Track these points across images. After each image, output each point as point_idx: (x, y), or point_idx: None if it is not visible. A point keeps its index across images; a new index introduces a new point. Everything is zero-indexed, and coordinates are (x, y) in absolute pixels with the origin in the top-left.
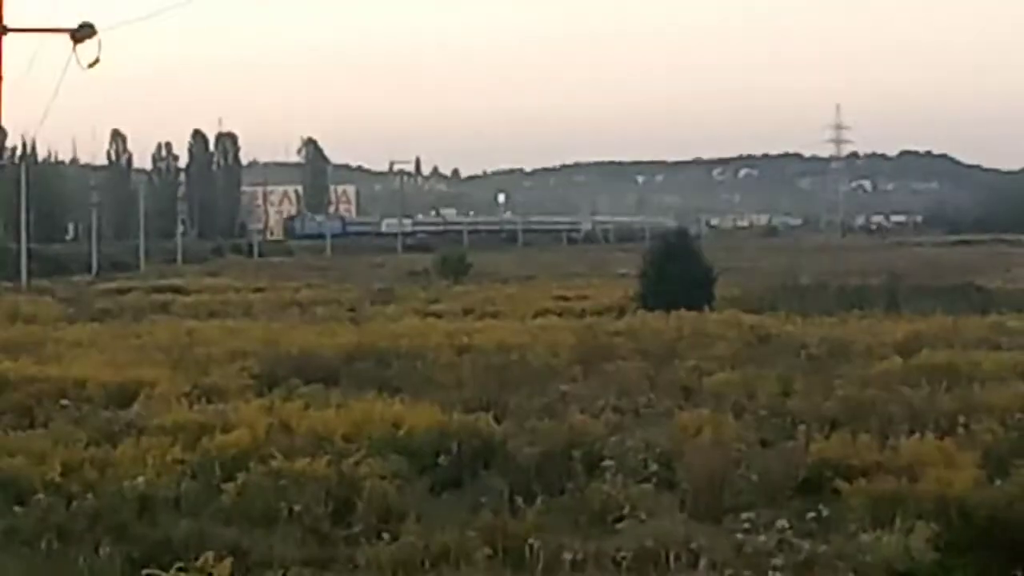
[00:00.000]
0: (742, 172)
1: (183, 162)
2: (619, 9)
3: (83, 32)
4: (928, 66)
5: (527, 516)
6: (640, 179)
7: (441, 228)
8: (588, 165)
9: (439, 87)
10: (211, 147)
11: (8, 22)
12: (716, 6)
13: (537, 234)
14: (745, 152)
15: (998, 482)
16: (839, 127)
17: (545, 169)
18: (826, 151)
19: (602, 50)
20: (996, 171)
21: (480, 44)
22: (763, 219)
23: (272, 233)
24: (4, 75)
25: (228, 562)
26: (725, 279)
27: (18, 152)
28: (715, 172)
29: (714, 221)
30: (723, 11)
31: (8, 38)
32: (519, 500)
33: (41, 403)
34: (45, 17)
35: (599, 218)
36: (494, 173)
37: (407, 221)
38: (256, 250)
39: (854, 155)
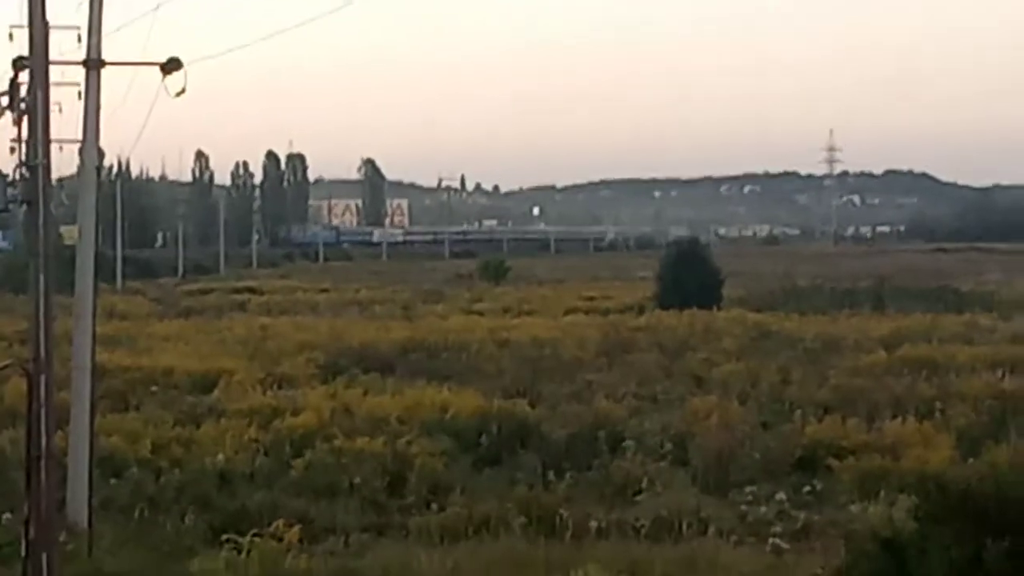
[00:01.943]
0: (747, 188)
1: (258, 179)
2: (639, 51)
3: (171, 65)
4: (910, 94)
5: (558, 489)
6: (657, 194)
7: (430, 239)
8: (612, 182)
9: (483, 111)
10: (282, 166)
11: (105, 56)
12: (723, 43)
13: (567, 242)
14: (749, 171)
15: (971, 460)
16: (832, 149)
17: (575, 185)
18: (820, 170)
19: (625, 82)
20: (970, 187)
21: (519, 73)
22: (765, 230)
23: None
24: (102, 103)
25: (297, 528)
26: (732, 282)
27: (114, 170)
28: (723, 188)
29: (722, 231)
30: (730, 46)
31: (106, 71)
32: (551, 475)
33: (134, 389)
34: (138, 51)
35: (622, 228)
36: (530, 189)
37: (398, 231)
38: (321, 255)
39: (845, 173)
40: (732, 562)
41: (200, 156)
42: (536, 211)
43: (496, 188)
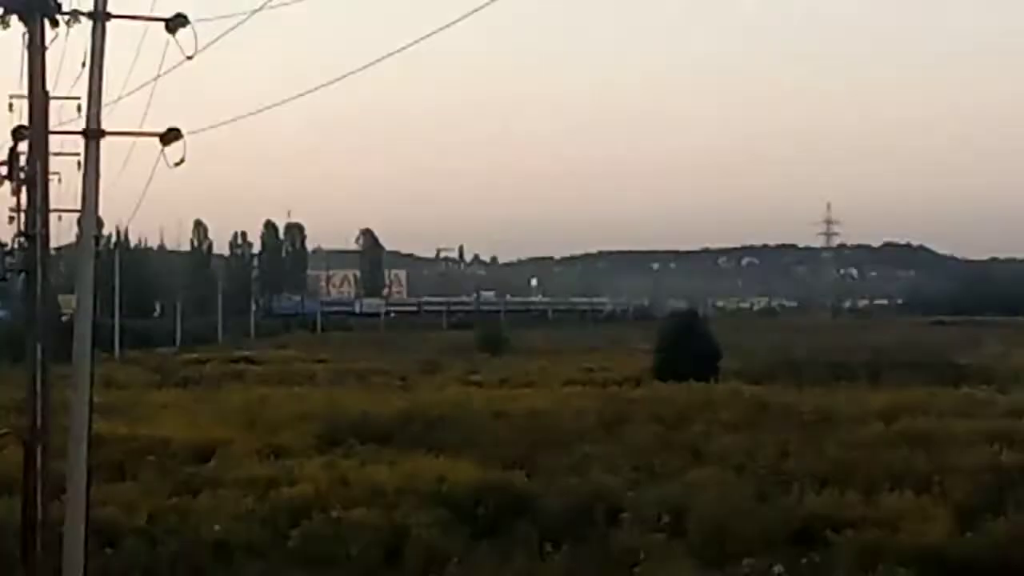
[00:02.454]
0: (744, 260)
1: (256, 248)
2: (637, 124)
3: (170, 135)
4: (908, 168)
5: (555, 561)
6: (655, 266)
7: (413, 309)
8: (609, 253)
9: (481, 183)
10: (281, 235)
11: (105, 126)
12: (720, 116)
13: (565, 313)
14: (747, 243)
15: (969, 534)
16: (829, 222)
17: (572, 256)
18: (818, 242)
19: (623, 155)
20: (968, 260)
21: (518, 145)
22: (763, 301)
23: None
24: (101, 173)
25: None
26: (729, 354)
27: (113, 240)
28: (721, 260)
29: (719, 303)
30: (727, 119)
31: (105, 141)
32: (548, 547)
33: (131, 458)
34: (137, 122)
35: (620, 299)
36: (528, 260)
37: (380, 302)
38: (319, 325)
39: (842, 246)
40: None
41: (199, 226)
42: (534, 282)
43: (494, 259)
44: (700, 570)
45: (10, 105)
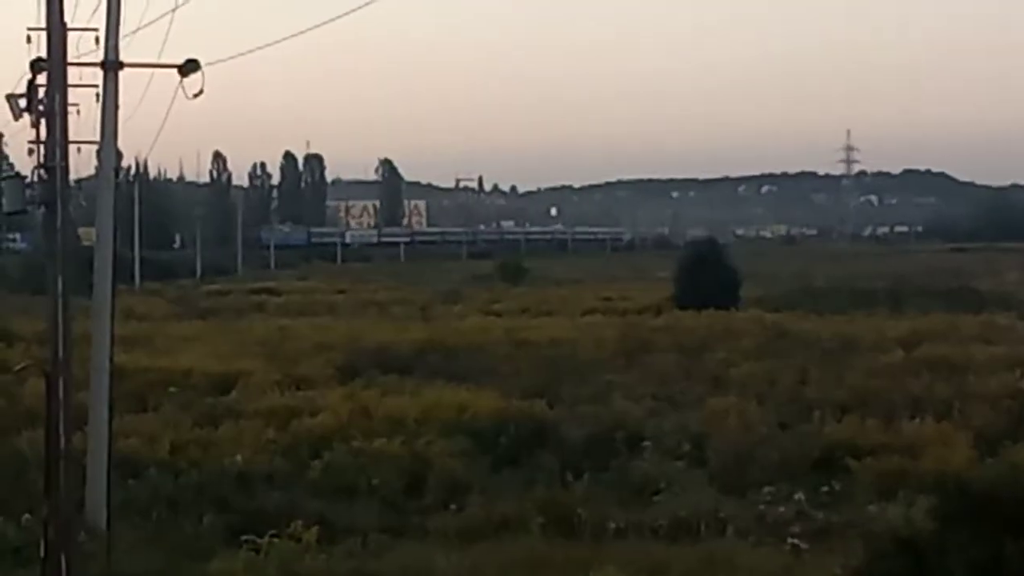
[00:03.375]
0: (764, 188)
1: (276, 180)
2: (657, 51)
3: (189, 67)
4: (928, 94)
5: (576, 490)
6: (675, 194)
7: (407, 240)
8: (629, 182)
9: (501, 112)
10: (300, 167)
11: (123, 58)
12: (740, 43)
13: (585, 243)
14: (767, 171)
15: (990, 460)
16: (849, 148)
17: (592, 186)
18: (838, 170)
19: (643, 84)
20: (988, 187)
21: (538, 73)
22: (782, 230)
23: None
24: (120, 105)
25: (315, 529)
26: (749, 282)
27: (132, 172)
28: (740, 188)
29: (740, 231)
30: (747, 46)
31: (124, 73)
32: (569, 476)
33: (152, 390)
34: (156, 53)
35: (639, 228)
36: (548, 189)
37: (372, 232)
38: (339, 256)
39: (862, 173)
40: (750, 562)
41: (218, 157)
42: (554, 211)
43: (514, 189)
44: (721, 498)
45: (28, 37)
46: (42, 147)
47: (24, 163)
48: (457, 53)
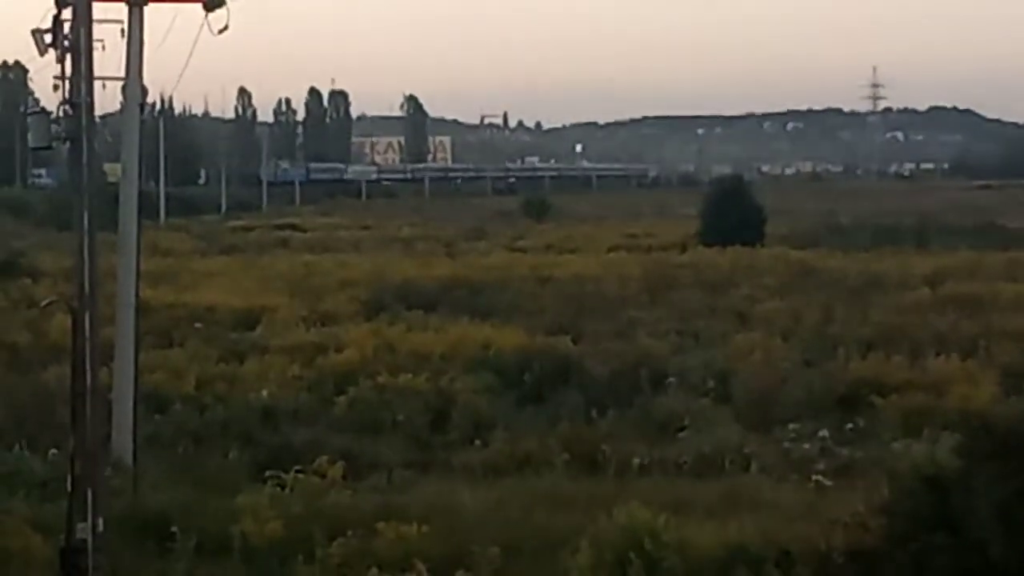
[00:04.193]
0: (790, 125)
1: (300, 116)
2: None
3: (214, 2)
4: (954, 29)
5: (600, 426)
6: (700, 131)
7: (407, 177)
8: (655, 119)
9: (526, 48)
10: (325, 103)
11: None
12: None
13: (609, 180)
14: (792, 107)
15: (1015, 398)
16: (875, 85)
17: (617, 122)
18: (863, 106)
19: (669, 18)
20: (1015, 124)
21: (563, 8)
22: (808, 167)
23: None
24: (145, 40)
25: (340, 465)
26: (774, 219)
27: (157, 108)
28: (766, 125)
29: (765, 168)
30: None
31: (149, 8)
32: (593, 412)
33: (178, 325)
34: None
35: (664, 165)
36: (572, 126)
37: (372, 168)
38: (364, 192)
39: (888, 110)
40: (775, 499)
41: (243, 93)
42: (579, 148)
43: (539, 125)
44: (745, 434)
45: None
46: (67, 83)
47: (49, 99)
48: None
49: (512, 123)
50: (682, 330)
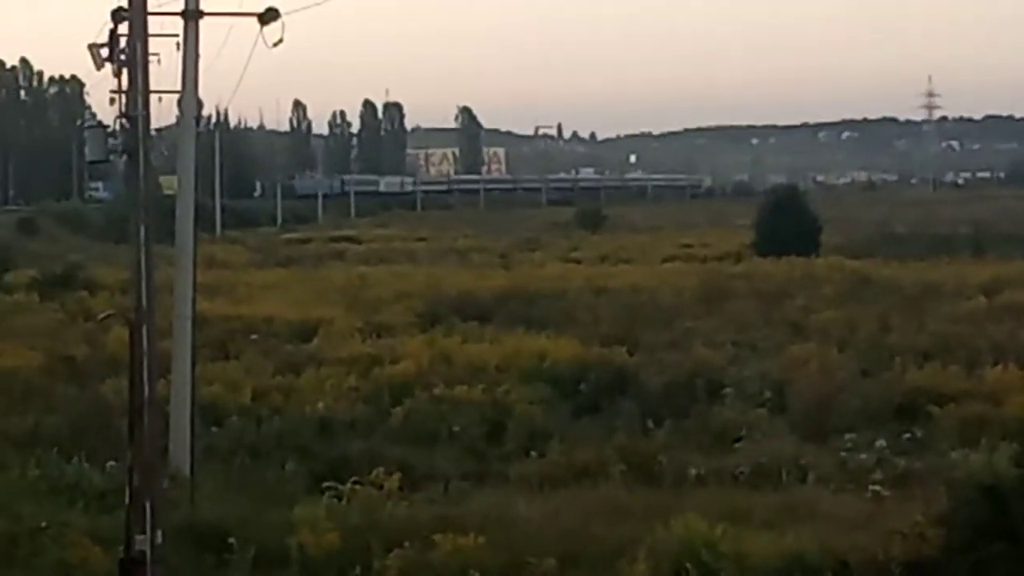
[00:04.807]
0: (844, 134)
1: (355, 128)
2: (735, 1)
3: (269, 16)
4: (1011, 37)
5: (657, 437)
6: (754, 141)
7: (443, 188)
8: (709, 129)
9: (579, 60)
10: (379, 115)
11: (203, 7)
12: None
13: (664, 189)
14: (847, 117)
15: None
16: (930, 94)
17: (672, 132)
18: (919, 115)
19: (723, 28)
20: None
21: (617, 20)
22: (863, 176)
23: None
24: (200, 54)
25: (397, 476)
26: (829, 229)
27: (213, 121)
28: (821, 134)
29: (820, 178)
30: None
31: (204, 21)
32: (649, 423)
33: (234, 338)
34: (236, 2)
35: (719, 175)
36: (627, 136)
37: (408, 180)
38: (419, 204)
39: (944, 119)
40: (832, 509)
41: (298, 106)
42: (633, 159)
43: (593, 136)
44: (802, 444)
45: None
46: (124, 96)
47: (106, 112)
48: (536, 1)
49: (567, 134)
50: (738, 340)
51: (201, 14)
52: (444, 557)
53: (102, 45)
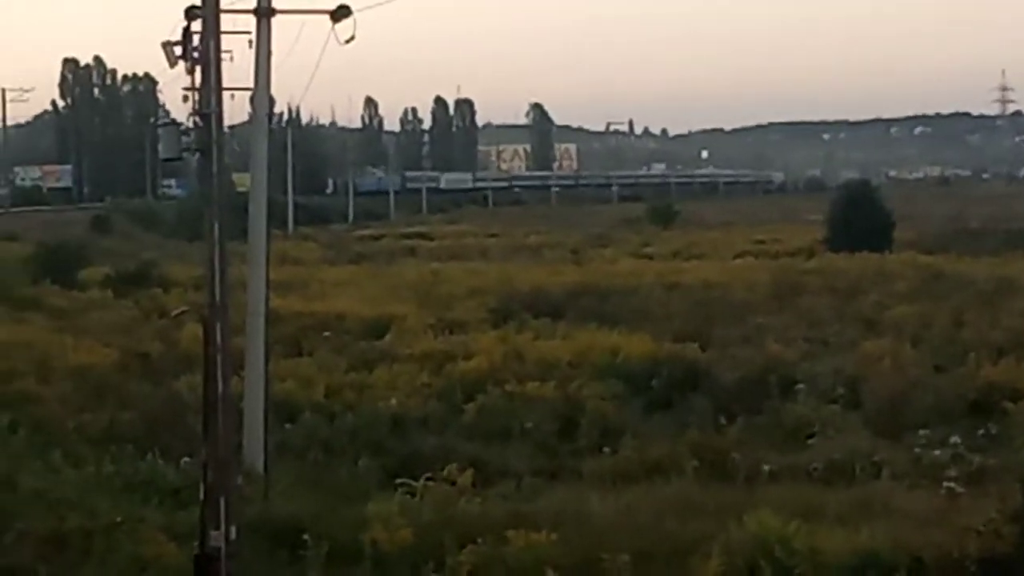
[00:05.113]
0: (917, 129)
1: (427, 125)
2: None
3: (341, 12)
4: None
5: (729, 433)
6: (826, 136)
7: (504, 185)
8: (780, 124)
9: (651, 55)
10: (451, 111)
11: (275, 4)
12: None
13: (735, 185)
14: (920, 112)
15: None
16: (1004, 88)
17: (743, 128)
18: (992, 110)
19: (794, 24)
20: None
21: (688, 15)
22: (936, 171)
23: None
24: (272, 51)
25: (469, 472)
26: (902, 224)
27: (285, 118)
28: (893, 130)
29: (892, 173)
30: None
31: (276, 19)
32: (722, 419)
33: (307, 335)
34: (307, 1)
35: (790, 170)
36: (698, 132)
37: (467, 176)
38: (490, 200)
39: (1017, 113)
40: (906, 506)
41: (369, 102)
42: (704, 154)
43: (664, 131)
44: (876, 441)
45: None
46: (197, 94)
47: (179, 110)
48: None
49: (638, 130)
50: (810, 336)
51: (273, 11)
52: (517, 553)
53: (176, 43)
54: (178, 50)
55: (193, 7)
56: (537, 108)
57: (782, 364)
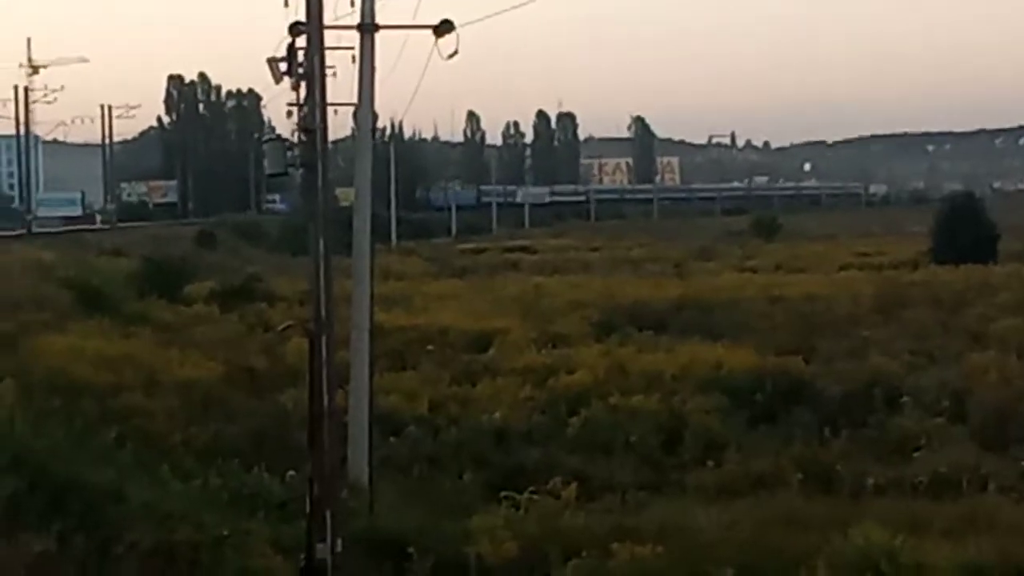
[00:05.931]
0: (1022, 140)
1: (529, 138)
2: (913, 8)
3: (443, 27)
4: None
5: (834, 446)
6: (930, 148)
7: (582, 199)
8: (883, 136)
9: (753, 67)
10: (553, 125)
11: (379, 20)
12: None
13: (838, 197)
14: None
15: None
16: None
17: (846, 140)
18: None
19: (897, 35)
20: None
21: (790, 27)
22: None
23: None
24: (376, 66)
25: (574, 486)
26: (1008, 236)
27: (388, 132)
28: (997, 141)
29: (997, 185)
30: (1001, 3)
31: (380, 34)
32: (827, 432)
33: (410, 348)
34: (410, 15)
35: (895, 183)
36: (800, 144)
37: (544, 190)
38: (593, 214)
39: None
40: (1013, 519)
41: (471, 116)
42: (807, 166)
43: (766, 144)
44: (982, 454)
45: (286, 2)
46: (301, 109)
47: (282, 125)
48: (708, 9)
49: (740, 142)
50: (915, 349)
51: (377, 27)
52: (622, 566)
53: (281, 59)
54: (283, 66)
55: (298, 23)
56: (639, 121)
57: (887, 377)
